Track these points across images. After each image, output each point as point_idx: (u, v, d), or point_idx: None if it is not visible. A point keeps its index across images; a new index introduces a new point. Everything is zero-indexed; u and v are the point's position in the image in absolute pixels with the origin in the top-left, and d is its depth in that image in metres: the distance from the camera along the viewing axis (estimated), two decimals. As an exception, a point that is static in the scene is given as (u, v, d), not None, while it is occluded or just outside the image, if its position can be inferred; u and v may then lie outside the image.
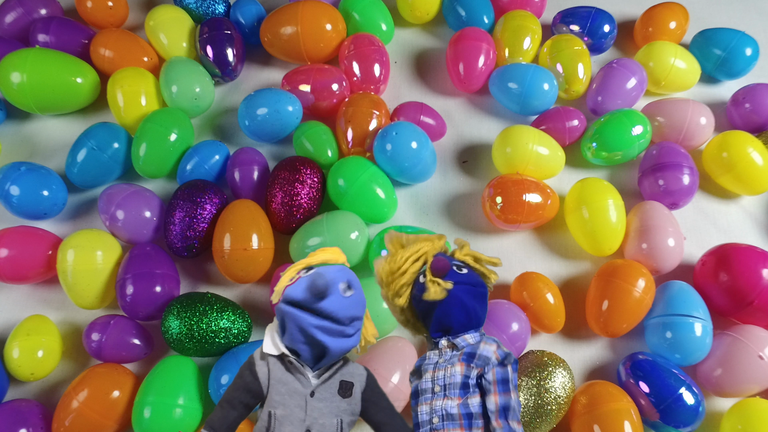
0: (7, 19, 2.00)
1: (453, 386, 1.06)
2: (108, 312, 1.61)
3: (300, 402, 1.04)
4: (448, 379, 1.07)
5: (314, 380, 1.07)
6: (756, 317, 1.51)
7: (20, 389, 1.53)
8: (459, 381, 1.06)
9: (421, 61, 2.09)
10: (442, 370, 1.08)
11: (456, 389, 1.06)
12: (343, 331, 1.06)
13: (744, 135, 1.74)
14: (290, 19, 1.91)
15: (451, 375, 1.07)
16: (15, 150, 1.89)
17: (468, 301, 1.12)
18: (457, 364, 1.07)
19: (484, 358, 1.07)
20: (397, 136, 1.68)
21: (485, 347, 1.08)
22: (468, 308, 1.12)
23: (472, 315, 1.12)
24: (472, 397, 1.05)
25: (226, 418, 1.05)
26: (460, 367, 1.07)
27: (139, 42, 1.97)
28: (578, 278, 1.68)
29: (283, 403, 1.04)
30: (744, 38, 1.93)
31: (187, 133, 1.79)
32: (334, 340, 1.05)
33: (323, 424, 1.05)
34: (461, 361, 1.07)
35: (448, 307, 1.11)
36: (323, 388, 1.07)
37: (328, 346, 1.04)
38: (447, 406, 1.05)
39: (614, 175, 1.84)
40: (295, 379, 1.06)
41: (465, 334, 1.12)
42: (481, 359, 1.07)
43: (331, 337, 1.04)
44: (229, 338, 1.49)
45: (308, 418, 1.04)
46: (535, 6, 2.08)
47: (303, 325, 1.03)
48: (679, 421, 1.38)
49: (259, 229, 1.59)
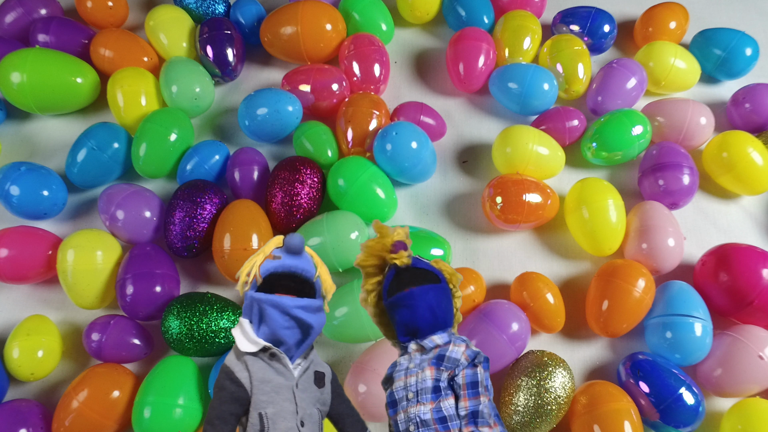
0: (7, 19, 2.01)
1: (425, 391, 1.05)
2: (108, 312, 1.61)
3: (288, 395, 1.04)
4: (420, 385, 1.06)
5: (296, 371, 1.08)
6: (756, 317, 1.51)
7: (20, 389, 1.53)
8: (430, 386, 1.05)
9: (421, 61, 2.09)
10: (414, 375, 1.08)
11: (428, 394, 1.05)
12: (319, 305, 1.10)
13: (744, 135, 1.74)
14: (290, 19, 1.91)
15: (422, 380, 1.06)
16: (15, 150, 1.89)
17: (432, 300, 1.11)
18: (426, 369, 1.07)
19: (453, 360, 1.06)
20: (397, 136, 1.68)
21: (454, 348, 1.07)
22: (433, 307, 1.11)
23: (438, 314, 1.11)
24: (445, 401, 1.04)
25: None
26: (430, 371, 1.06)
27: (139, 42, 1.97)
28: (578, 278, 1.68)
29: (272, 402, 1.02)
30: (744, 38, 1.93)
31: (187, 133, 1.79)
32: (314, 316, 1.08)
33: (311, 414, 1.06)
34: (431, 365, 1.07)
35: (413, 309, 1.10)
36: (303, 379, 1.08)
37: (311, 324, 1.07)
38: (420, 412, 1.04)
39: (614, 175, 1.84)
40: (278, 374, 1.05)
41: (433, 335, 1.11)
42: (450, 361, 1.06)
43: (313, 315, 1.08)
44: (229, 338, 1.49)
45: (299, 409, 1.04)
46: (535, 6, 2.08)
47: (286, 308, 1.05)
48: (679, 421, 1.38)
49: (259, 229, 1.59)
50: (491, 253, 1.72)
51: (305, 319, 1.06)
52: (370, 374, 1.40)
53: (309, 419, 1.05)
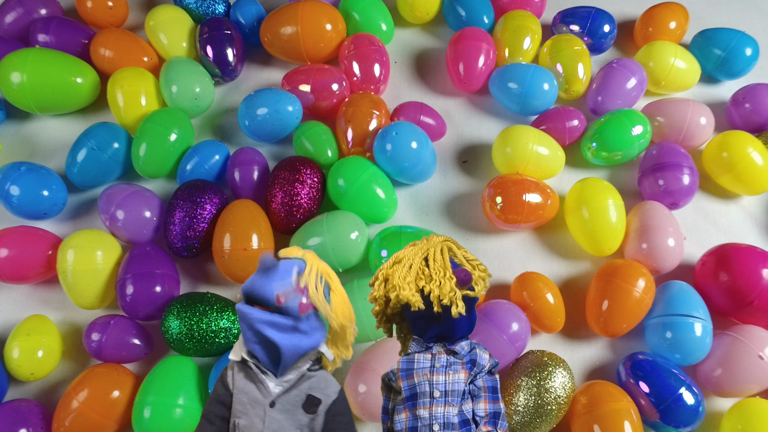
0: (7, 19, 2.01)
1: (456, 393, 1.06)
2: (108, 312, 1.61)
3: (259, 412, 1.01)
4: (450, 386, 1.06)
5: (276, 389, 1.03)
6: (756, 317, 1.51)
7: (20, 389, 1.53)
8: (462, 389, 1.07)
9: (421, 61, 2.09)
10: (442, 375, 1.07)
11: (457, 396, 1.06)
12: (295, 326, 1.00)
13: (744, 135, 1.74)
14: (290, 19, 1.91)
15: (453, 382, 1.07)
16: (15, 150, 1.89)
17: (473, 314, 1.13)
18: (461, 371, 1.08)
19: (480, 366, 1.09)
20: (397, 136, 1.68)
21: (482, 355, 1.11)
22: (473, 321, 1.13)
23: (473, 326, 1.14)
24: (466, 404, 1.07)
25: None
26: (465, 375, 1.07)
27: (139, 42, 1.97)
28: (578, 278, 1.68)
29: (245, 413, 1.01)
30: (744, 38, 1.93)
31: (187, 133, 1.79)
32: (284, 336, 0.99)
33: None
34: (465, 368, 1.08)
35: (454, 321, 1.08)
36: (285, 399, 1.02)
37: (278, 344, 0.99)
38: (449, 413, 1.04)
39: (614, 175, 1.84)
40: (256, 388, 1.03)
41: (462, 341, 1.12)
42: (479, 366, 1.09)
43: (281, 333, 0.99)
44: (229, 338, 1.49)
45: (266, 429, 1.00)
46: (535, 6, 2.08)
47: (251, 321, 0.98)
48: (679, 421, 1.38)
49: (259, 229, 1.59)
50: (491, 253, 1.72)
51: (271, 337, 0.98)
52: (370, 374, 1.40)
53: None
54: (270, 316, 0.98)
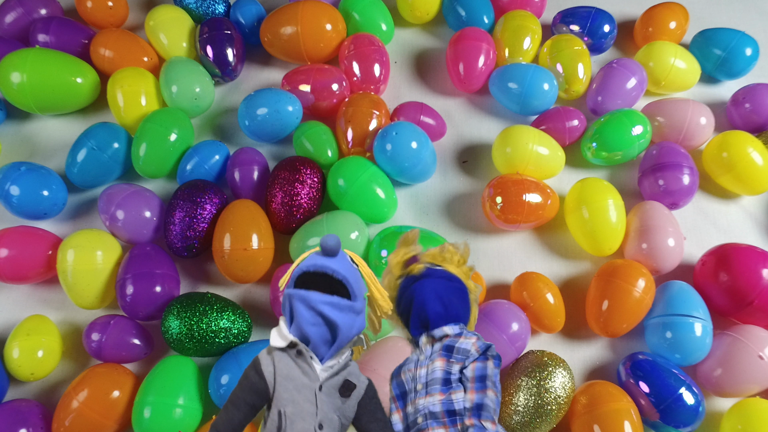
0: (7, 19, 2.00)
1: (434, 382, 1.04)
2: (108, 312, 1.61)
3: (309, 396, 1.03)
4: (429, 376, 1.05)
5: (322, 374, 1.05)
6: (756, 317, 1.51)
7: (20, 389, 1.53)
8: (440, 377, 1.04)
9: (421, 61, 2.09)
10: (424, 367, 1.07)
11: (437, 385, 1.04)
12: (352, 306, 1.04)
13: (744, 135, 1.74)
14: (290, 19, 1.91)
15: (431, 371, 1.05)
16: (15, 150, 1.89)
17: (442, 292, 1.12)
18: (437, 360, 1.06)
19: (463, 351, 1.05)
20: (397, 136, 1.68)
21: (464, 340, 1.07)
22: (443, 298, 1.12)
23: (448, 305, 1.12)
24: (456, 393, 1.02)
25: (231, 421, 1.03)
26: (440, 362, 1.05)
27: (139, 42, 1.97)
28: (578, 278, 1.68)
29: (293, 400, 1.02)
30: (744, 38, 1.93)
31: (187, 133, 1.79)
32: (343, 315, 1.03)
33: (331, 419, 1.04)
34: (441, 356, 1.06)
35: (422, 299, 1.11)
36: (329, 383, 1.05)
37: (338, 323, 1.02)
38: (429, 403, 1.03)
39: (614, 175, 1.84)
40: (303, 373, 1.04)
41: (444, 326, 1.11)
42: (461, 352, 1.05)
43: (341, 313, 1.02)
44: (229, 338, 1.49)
45: (320, 412, 1.02)
46: (535, 6, 2.08)
47: (312, 303, 1.01)
48: (679, 421, 1.38)
49: (259, 229, 1.59)
50: (491, 253, 1.72)
51: (330, 316, 1.02)
52: (370, 374, 1.39)
53: (329, 423, 1.03)
54: (330, 297, 1.02)
